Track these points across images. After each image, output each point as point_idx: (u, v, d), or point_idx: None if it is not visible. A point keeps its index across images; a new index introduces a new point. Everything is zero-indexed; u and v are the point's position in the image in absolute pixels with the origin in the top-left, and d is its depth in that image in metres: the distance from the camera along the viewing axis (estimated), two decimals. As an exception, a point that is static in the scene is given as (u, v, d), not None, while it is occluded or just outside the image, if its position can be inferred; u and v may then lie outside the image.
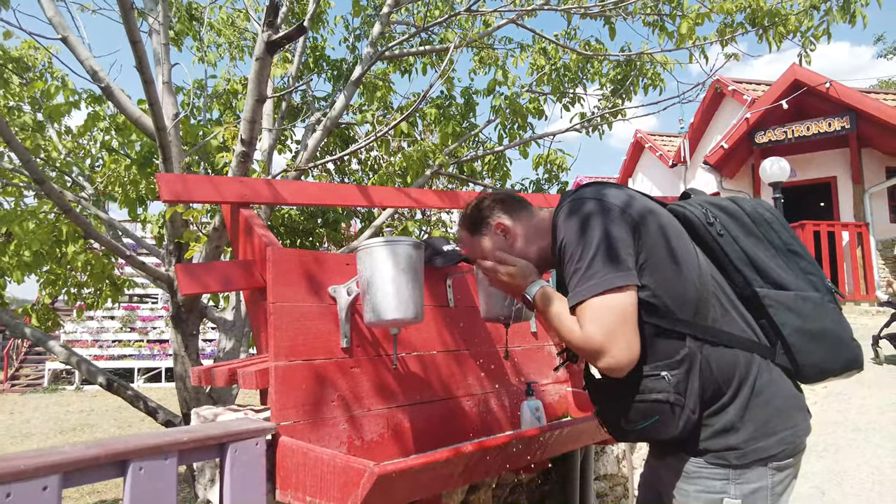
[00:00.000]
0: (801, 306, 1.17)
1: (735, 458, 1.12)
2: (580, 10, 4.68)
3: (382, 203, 2.60)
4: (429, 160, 4.51)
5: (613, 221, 1.12)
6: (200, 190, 2.08)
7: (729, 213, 1.25)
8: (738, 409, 1.13)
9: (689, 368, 1.12)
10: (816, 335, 1.16)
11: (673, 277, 1.12)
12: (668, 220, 1.19)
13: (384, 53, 4.39)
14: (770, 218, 1.26)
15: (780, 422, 1.14)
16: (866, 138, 8.89)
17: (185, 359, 3.49)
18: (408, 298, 1.50)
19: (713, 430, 1.14)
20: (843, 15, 4.52)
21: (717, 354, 1.14)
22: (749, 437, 1.12)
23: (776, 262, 1.21)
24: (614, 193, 1.19)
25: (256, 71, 2.77)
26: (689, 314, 1.13)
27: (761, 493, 1.12)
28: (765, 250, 1.22)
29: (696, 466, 1.15)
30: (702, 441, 1.15)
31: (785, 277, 1.19)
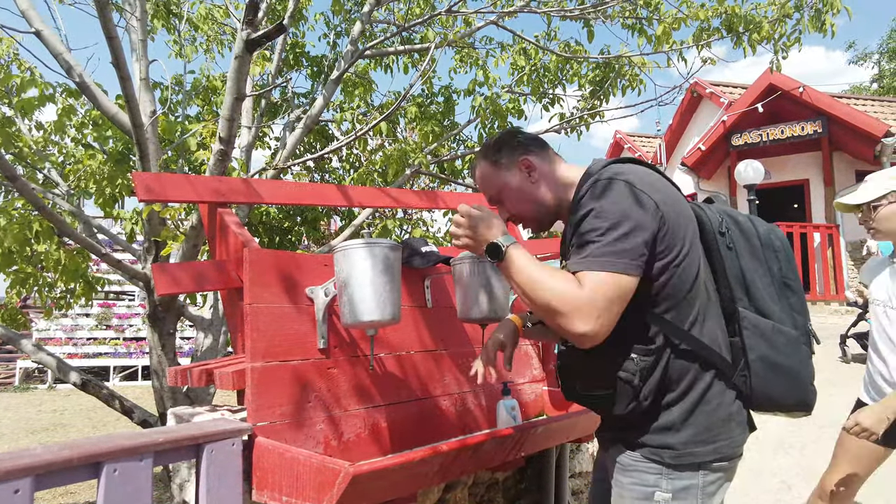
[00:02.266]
0: (775, 338, 1.21)
1: (669, 458, 1.16)
2: (560, 13, 4.73)
3: (361, 203, 2.60)
4: (409, 159, 4.52)
5: (645, 211, 1.10)
6: (177, 189, 2.07)
7: (742, 229, 1.27)
8: (683, 411, 1.17)
9: (657, 360, 1.15)
10: (779, 368, 1.20)
11: (677, 275, 1.14)
12: (690, 219, 1.21)
13: (365, 52, 4.38)
14: (779, 247, 1.28)
15: (719, 432, 1.17)
16: (837, 142, 9.11)
17: (161, 357, 3.45)
18: (385, 300, 1.52)
19: (655, 425, 1.17)
20: (815, 24, 4.64)
21: (682, 356, 1.17)
22: (687, 440, 1.16)
23: (768, 291, 1.24)
24: (648, 180, 1.17)
25: (235, 69, 2.75)
26: (674, 312, 1.16)
27: (692, 490, 1.16)
28: (762, 276, 1.24)
29: (632, 460, 1.20)
30: (642, 436, 1.19)
31: (770, 306, 1.23)
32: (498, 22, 4.73)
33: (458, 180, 5.93)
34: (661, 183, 1.21)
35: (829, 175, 9.38)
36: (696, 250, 1.19)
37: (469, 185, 5.88)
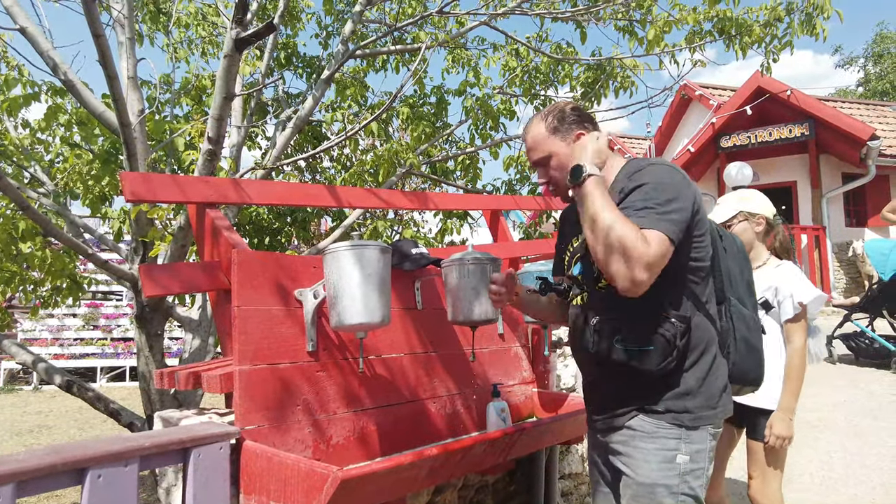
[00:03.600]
0: (751, 323, 1.52)
1: (689, 420, 1.32)
2: (551, 14, 4.73)
3: (351, 203, 2.59)
4: (400, 160, 4.50)
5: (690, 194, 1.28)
6: (165, 190, 2.05)
7: (728, 237, 1.60)
8: (698, 378, 1.34)
9: (688, 326, 1.31)
10: (752, 348, 1.50)
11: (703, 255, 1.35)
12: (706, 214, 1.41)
13: (355, 52, 4.36)
14: (747, 257, 1.63)
15: (720, 398, 1.36)
16: (824, 145, 9.20)
17: (149, 359, 3.42)
18: (374, 303, 1.51)
19: (676, 391, 1.33)
20: (805, 28, 4.67)
21: (700, 327, 1.35)
22: (701, 405, 1.33)
23: (744, 289, 1.56)
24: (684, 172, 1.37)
25: (225, 68, 2.73)
26: (699, 287, 1.36)
27: (702, 453, 1.33)
28: (738, 275, 1.56)
29: (656, 427, 1.33)
30: (665, 401, 1.33)
31: (745, 300, 1.55)
32: (489, 23, 4.73)
33: (449, 181, 5.93)
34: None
35: (815, 177, 9.47)
36: (711, 246, 1.41)
37: (461, 186, 5.89)
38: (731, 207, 2.29)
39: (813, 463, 3.25)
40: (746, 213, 2.27)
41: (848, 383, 4.55)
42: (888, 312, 4.82)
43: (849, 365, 5.03)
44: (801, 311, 2.08)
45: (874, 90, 20.19)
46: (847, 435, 3.53)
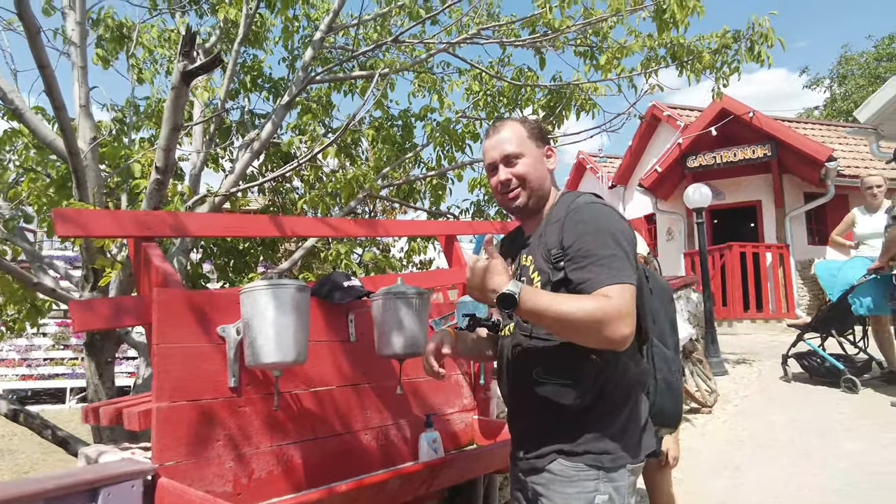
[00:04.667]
0: (672, 363, 1.55)
1: (608, 462, 1.32)
2: (509, 42, 4.85)
3: (296, 233, 2.63)
4: (361, 183, 4.55)
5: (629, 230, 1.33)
6: (99, 224, 2.08)
7: (653, 277, 1.61)
8: (618, 420, 1.35)
9: (609, 366, 1.33)
10: (671, 387, 1.52)
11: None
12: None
13: (315, 78, 4.42)
14: (671, 298, 1.66)
15: (642, 436, 1.39)
16: (786, 165, 9.45)
17: (98, 388, 3.39)
18: (289, 341, 1.54)
19: (595, 433, 1.33)
20: (751, 55, 4.84)
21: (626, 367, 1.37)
22: (621, 445, 1.34)
23: (667, 328, 1.59)
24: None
25: (172, 100, 2.75)
26: None
27: (621, 490, 1.33)
28: (662, 316, 1.59)
29: (575, 470, 1.33)
30: (583, 443, 1.33)
31: (667, 339, 1.58)
32: (448, 50, 4.82)
33: (412, 204, 5.98)
34: None
35: (779, 197, 9.71)
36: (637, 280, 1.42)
37: (424, 209, 5.94)
38: None
39: (760, 483, 3.32)
40: None
41: (800, 402, 4.65)
42: (836, 332, 4.95)
43: (803, 384, 5.14)
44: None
45: (840, 110, 20.80)
46: (794, 455, 3.62)
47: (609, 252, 1.24)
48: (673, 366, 1.55)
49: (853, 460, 3.37)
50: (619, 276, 1.22)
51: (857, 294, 4.61)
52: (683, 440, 4.21)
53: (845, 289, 4.68)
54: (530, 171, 1.43)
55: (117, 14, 5.15)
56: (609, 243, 1.25)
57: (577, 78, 5.48)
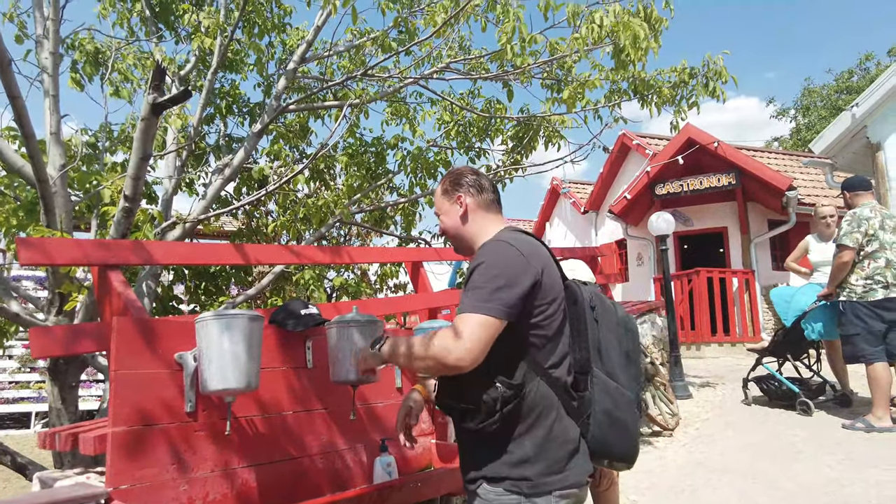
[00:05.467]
0: (617, 396, 1.47)
1: (527, 488, 1.35)
2: (477, 77, 5.03)
3: (259, 260, 2.71)
4: (332, 209, 4.64)
5: (523, 271, 1.38)
6: (62, 252, 2.14)
7: (605, 309, 1.56)
8: (535, 444, 1.37)
9: (517, 393, 1.37)
10: (616, 422, 1.45)
11: (543, 327, 1.40)
12: (554, 286, 1.46)
13: (288, 107, 4.53)
14: (630, 328, 1.60)
15: (567, 463, 1.39)
16: (750, 193, 9.79)
17: (61, 412, 3.39)
18: (240, 369, 1.62)
19: (511, 460, 1.37)
20: (706, 91, 5.10)
21: (538, 394, 1.39)
22: (541, 472, 1.35)
23: (617, 360, 1.51)
24: (531, 249, 1.45)
25: (142, 130, 2.84)
26: (537, 356, 1.40)
27: None
28: (614, 347, 1.52)
29: (495, 495, 1.37)
30: (502, 470, 1.37)
31: (617, 372, 1.50)
32: (419, 82, 4.99)
33: (383, 230, 6.08)
34: (542, 252, 1.49)
35: (744, 224, 10.03)
36: (561, 312, 1.46)
37: (397, 236, 6.05)
38: None
39: (713, 505, 3.42)
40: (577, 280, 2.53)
41: (757, 425, 4.80)
42: (792, 356, 5.14)
43: (762, 406, 5.30)
44: None
45: (804, 139, 21.57)
46: (746, 478, 3.73)
47: (479, 284, 1.36)
48: (619, 398, 1.46)
49: (799, 481, 3.51)
50: (476, 306, 1.33)
51: (809, 320, 4.81)
52: (642, 463, 4.32)
53: (798, 315, 4.88)
54: (446, 224, 1.64)
55: (98, 34, 5.23)
56: (484, 276, 1.37)
57: (544, 110, 5.69)
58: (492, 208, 1.62)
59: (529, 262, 1.40)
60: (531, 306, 1.38)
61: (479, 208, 1.60)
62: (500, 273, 1.36)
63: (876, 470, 3.53)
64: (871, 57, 22.77)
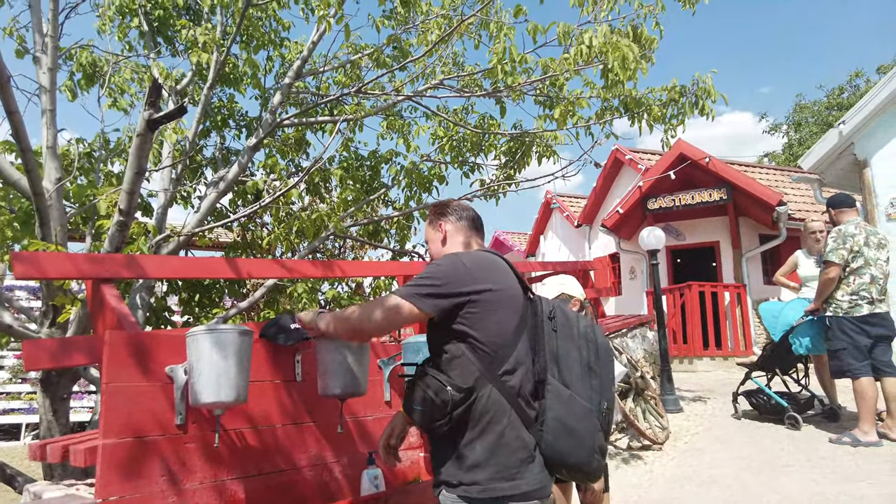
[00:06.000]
0: (571, 404, 1.48)
1: (477, 492, 1.40)
2: (470, 94, 5.11)
3: (251, 274, 2.75)
4: (326, 223, 4.69)
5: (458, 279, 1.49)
6: (55, 266, 2.17)
7: (567, 319, 1.60)
8: (485, 449, 1.41)
9: (467, 398, 1.43)
10: (570, 430, 1.46)
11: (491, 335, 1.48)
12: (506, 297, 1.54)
13: (283, 122, 4.60)
14: (591, 338, 1.60)
15: (519, 470, 1.42)
16: (741, 208, 9.89)
17: (52, 424, 3.40)
18: (229, 383, 1.65)
19: (464, 464, 1.42)
20: (693, 109, 5.19)
21: (489, 400, 1.44)
22: (490, 477, 1.40)
23: (575, 370, 1.53)
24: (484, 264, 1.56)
25: (137, 146, 2.88)
26: (489, 363, 1.46)
27: None
28: (574, 358, 1.54)
29: (450, 501, 1.44)
30: (457, 474, 1.43)
31: (573, 381, 1.52)
32: (413, 98, 5.07)
33: (377, 243, 6.13)
34: (498, 269, 1.59)
35: (735, 238, 10.12)
36: (512, 322, 1.52)
37: (390, 249, 6.10)
38: (553, 290, 2.74)
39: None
40: (566, 294, 2.61)
41: (746, 439, 4.83)
42: (780, 371, 5.19)
43: (751, 420, 5.34)
44: None
45: (796, 154, 21.79)
46: (733, 491, 3.77)
47: (414, 280, 1.54)
48: (572, 406, 1.46)
49: (785, 494, 3.54)
50: (399, 291, 1.53)
51: (797, 334, 4.86)
52: (631, 476, 4.35)
53: (786, 329, 4.93)
54: (432, 251, 1.80)
55: (97, 49, 5.30)
56: (421, 275, 1.53)
57: (536, 126, 5.78)
58: (470, 234, 1.75)
59: (471, 274, 1.51)
60: (473, 314, 1.47)
61: (457, 233, 1.74)
62: (434, 274, 1.51)
63: (861, 484, 3.57)
64: (860, 74, 23.12)
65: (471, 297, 1.47)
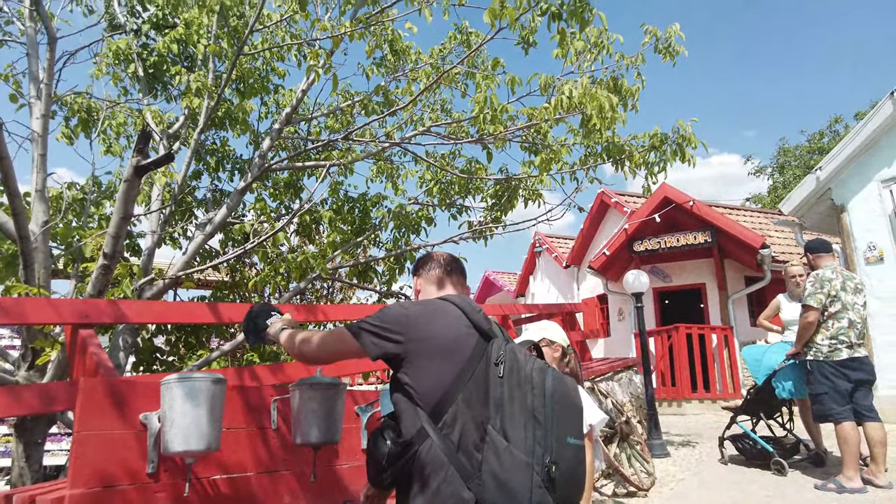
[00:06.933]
0: (505, 458, 1.38)
1: None
2: (455, 141, 5.25)
3: (232, 319, 2.77)
4: (311, 265, 4.73)
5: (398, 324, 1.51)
6: (37, 312, 2.19)
7: (516, 363, 1.48)
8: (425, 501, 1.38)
9: (406, 450, 1.41)
10: (503, 485, 1.37)
11: (428, 382, 1.44)
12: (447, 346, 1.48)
13: (272, 166, 4.69)
14: (537, 384, 1.45)
15: None
16: (726, 250, 10.04)
17: (24, 470, 3.34)
18: (201, 432, 1.66)
19: None
20: (675, 156, 5.35)
21: (428, 453, 1.39)
22: None
23: (520, 419, 1.40)
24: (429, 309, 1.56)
25: (124, 191, 2.94)
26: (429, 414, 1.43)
27: None
28: (519, 405, 1.42)
29: None
30: None
31: (513, 432, 1.40)
32: (401, 144, 5.20)
33: (368, 283, 6.16)
34: (444, 315, 1.55)
35: (721, 280, 10.23)
36: (453, 372, 1.46)
37: (377, 291, 6.13)
38: (535, 335, 2.70)
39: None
40: (548, 339, 2.61)
41: (732, 485, 4.79)
42: (765, 415, 5.19)
43: (738, 466, 5.30)
44: (590, 431, 2.35)
45: (781, 197, 22.23)
46: (719, 538, 3.73)
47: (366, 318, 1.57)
48: (506, 460, 1.37)
49: (770, 544, 3.51)
50: (351, 323, 1.58)
51: (780, 378, 4.89)
52: (617, 524, 4.28)
53: (769, 373, 4.96)
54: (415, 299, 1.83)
55: (92, 96, 5.42)
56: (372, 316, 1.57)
57: (522, 171, 5.92)
58: (441, 282, 1.78)
59: (411, 323, 1.51)
60: (411, 364, 1.47)
61: (428, 285, 1.79)
62: (380, 316, 1.55)
63: (844, 532, 3.54)
64: (839, 120, 23.82)
65: (407, 346, 1.48)
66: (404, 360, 1.47)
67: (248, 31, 3.84)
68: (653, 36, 5.00)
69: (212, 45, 4.59)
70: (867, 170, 6.98)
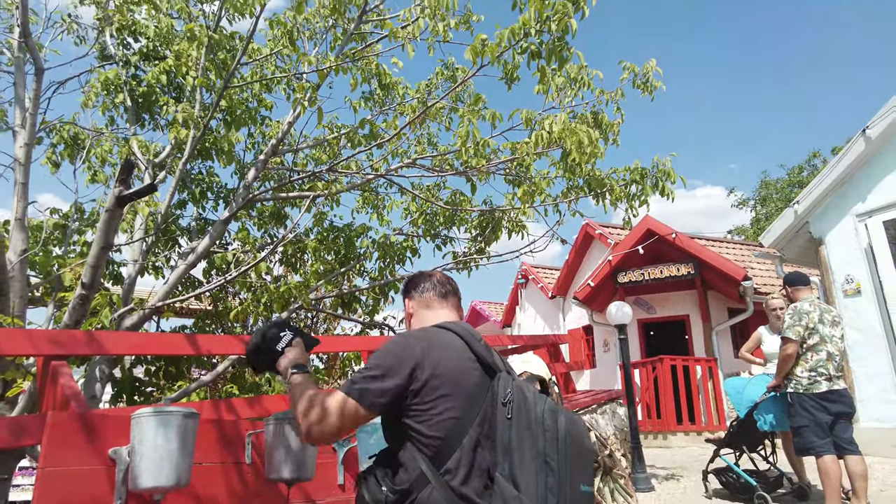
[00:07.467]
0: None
1: None
2: (440, 174, 5.32)
3: (211, 351, 2.75)
4: (293, 295, 4.72)
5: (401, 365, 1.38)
6: (10, 342, 2.17)
7: (525, 403, 1.38)
8: None
9: (402, 499, 1.31)
10: None
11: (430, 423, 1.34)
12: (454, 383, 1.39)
13: (256, 197, 4.71)
14: (549, 426, 1.35)
15: None
16: (709, 282, 10.15)
17: (-10, 507, 3.23)
18: (171, 466, 1.64)
19: None
20: (654, 190, 5.45)
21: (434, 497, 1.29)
22: None
23: (530, 466, 1.31)
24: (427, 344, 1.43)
25: (106, 221, 2.94)
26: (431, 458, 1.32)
27: None
28: (529, 449, 1.32)
29: None
30: None
31: (525, 478, 1.30)
32: (386, 175, 5.26)
33: (352, 313, 6.14)
34: (449, 347, 1.45)
35: (705, 312, 10.31)
36: (458, 412, 1.36)
37: (360, 322, 6.11)
38: (517, 368, 2.66)
39: None
40: (529, 373, 2.61)
41: (717, 519, 4.76)
42: (747, 448, 5.19)
43: (722, 500, 5.27)
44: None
45: (763, 228, 22.62)
46: (702, 575, 3.68)
47: (360, 369, 1.43)
48: None
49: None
50: (344, 387, 1.39)
51: (761, 411, 4.91)
52: (600, 561, 4.22)
53: (750, 406, 4.98)
54: (406, 324, 1.76)
55: (78, 125, 5.45)
56: (368, 363, 1.43)
57: (505, 203, 5.99)
58: (433, 304, 1.66)
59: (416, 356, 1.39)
60: (415, 405, 1.36)
61: (421, 307, 1.67)
62: (379, 364, 1.39)
63: (827, 568, 3.52)
64: (818, 155, 24.46)
65: (412, 384, 1.36)
66: (406, 399, 1.36)
67: (236, 64, 3.91)
68: (630, 72, 5.15)
69: (200, 77, 4.65)
70: (843, 204, 7.14)
